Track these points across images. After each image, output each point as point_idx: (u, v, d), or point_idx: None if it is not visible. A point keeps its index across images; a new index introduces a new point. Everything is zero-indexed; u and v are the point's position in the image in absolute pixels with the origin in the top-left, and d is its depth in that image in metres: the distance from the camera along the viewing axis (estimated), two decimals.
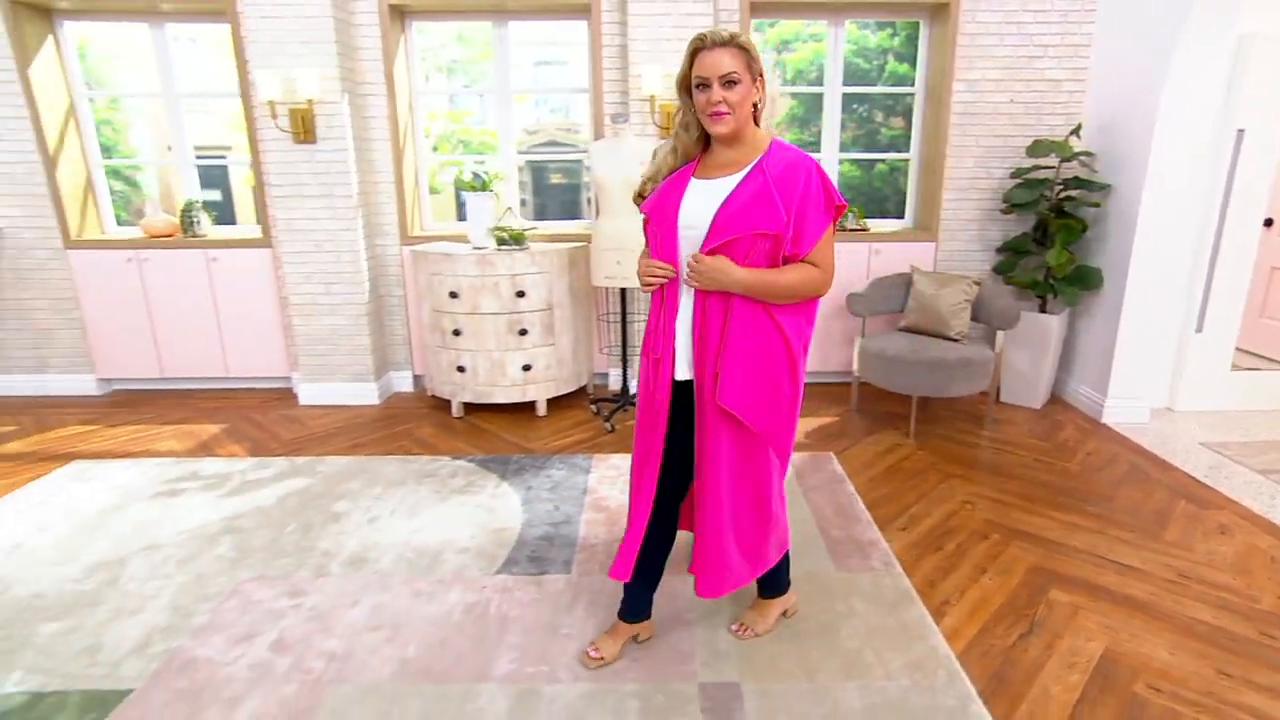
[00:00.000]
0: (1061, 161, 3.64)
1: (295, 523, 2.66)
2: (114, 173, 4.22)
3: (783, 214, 1.54)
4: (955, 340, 3.51)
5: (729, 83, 1.53)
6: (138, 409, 3.95)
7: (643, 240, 1.82)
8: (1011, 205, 3.81)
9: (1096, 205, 3.58)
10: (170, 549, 2.49)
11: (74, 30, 3.91)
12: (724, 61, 1.52)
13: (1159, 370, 3.72)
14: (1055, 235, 3.62)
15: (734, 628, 2.00)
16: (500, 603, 2.17)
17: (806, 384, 4.27)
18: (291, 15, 3.46)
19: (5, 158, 3.80)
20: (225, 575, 2.33)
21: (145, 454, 3.32)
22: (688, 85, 1.60)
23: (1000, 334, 3.51)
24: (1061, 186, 3.69)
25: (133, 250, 3.95)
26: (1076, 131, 3.70)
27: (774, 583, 2.01)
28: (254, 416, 3.82)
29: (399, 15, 3.82)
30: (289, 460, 3.21)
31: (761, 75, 1.58)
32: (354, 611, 2.14)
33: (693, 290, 1.65)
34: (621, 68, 3.75)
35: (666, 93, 3.60)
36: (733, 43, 1.53)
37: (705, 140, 1.67)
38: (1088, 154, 3.66)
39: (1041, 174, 3.78)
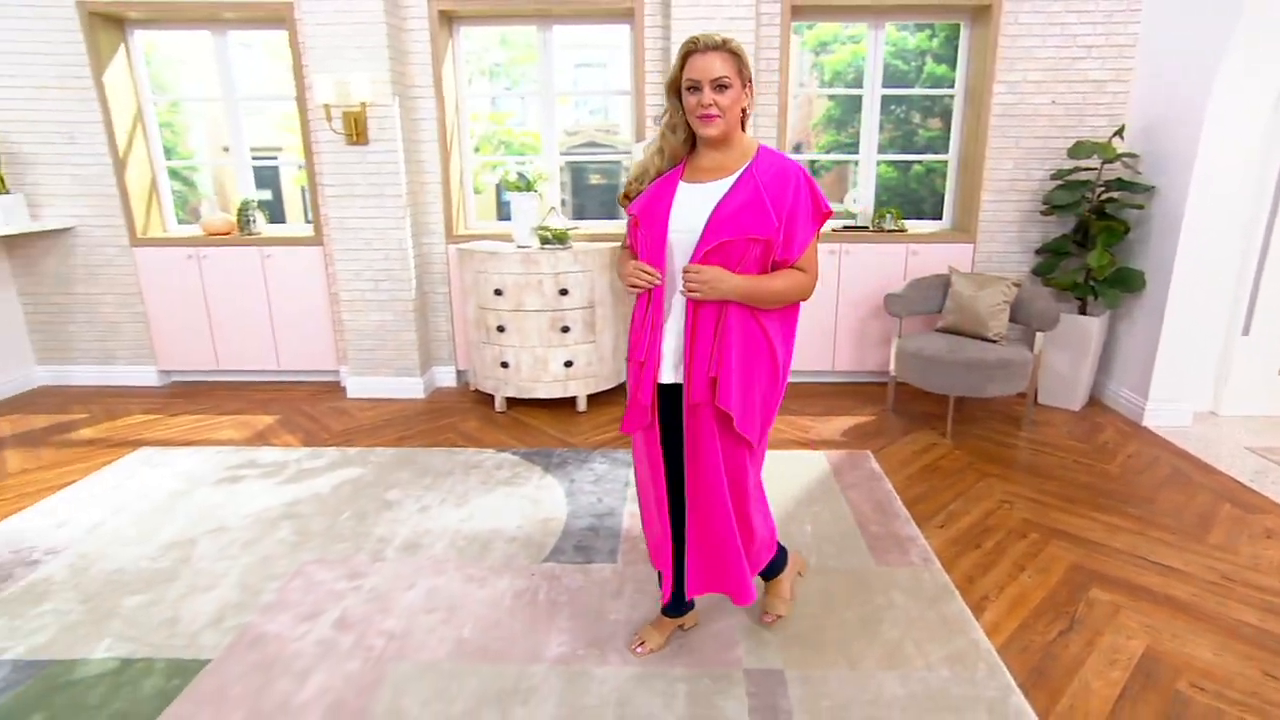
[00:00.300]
0: (1104, 163, 3.62)
1: (350, 509, 2.78)
2: (173, 173, 4.40)
3: (774, 219, 1.56)
4: (993, 341, 3.52)
5: (720, 86, 1.54)
6: (196, 399, 4.13)
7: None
8: (1052, 207, 3.80)
9: (1140, 207, 3.57)
10: (235, 531, 2.62)
11: (143, 38, 4.10)
12: (716, 65, 1.53)
13: (1203, 373, 3.69)
14: (1096, 237, 3.61)
15: (764, 618, 2.06)
16: (549, 589, 2.26)
17: (842, 384, 4.32)
18: (347, 22, 3.59)
19: (80, 160, 4.01)
20: (288, 557, 2.45)
21: (205, 442, 3.47)
22: (677, 87, 1.61)
23: (1039, 335, 3.52)
24: (1103, 188, 3.67)
25: (192, 247, 4.14)
26: (1120, 133, 3.68)
27: (772, 566, 2.04)
28: (305, 408, 3.97)
29: (448, 20, 3.94)
30: (340, 450, 3.34)
31: (750, 81, 1.60)
32: (410, 594, 2.24)
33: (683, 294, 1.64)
34: (663, 70, 3.82)
35: None
36: (725, 47, 1.54)
37: (691, 142, 1.68)
38: (1131, 155, 3.64)
39: (1083, 175, 3.76)
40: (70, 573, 2.35)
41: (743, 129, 1.65)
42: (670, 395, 1.72)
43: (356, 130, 3.72)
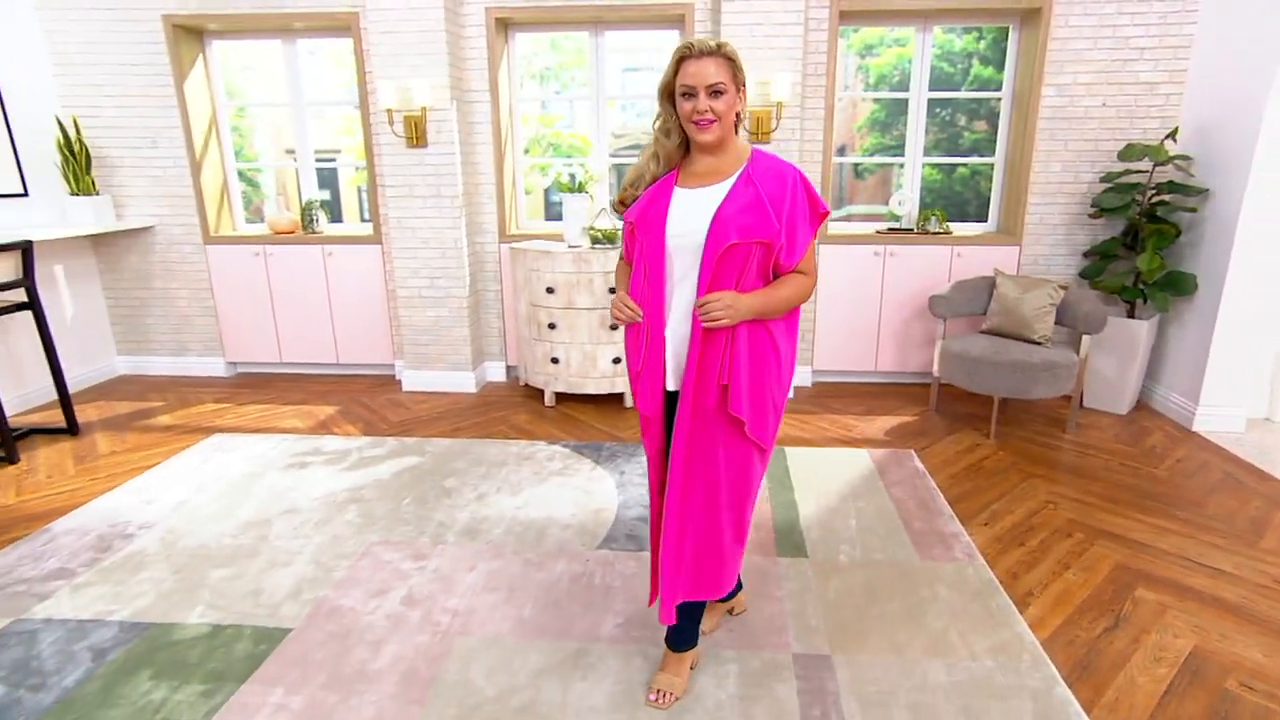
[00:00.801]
0: (1155, 166, 3.60)
1: (411, 495, 2.93)
2: (240, 174, 4.63)
3: (775, 222, 1.53)
4: (1038, 344, 3.53)
5: (715, 92, 1.52)
6: (261, 390, 4.35)
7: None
8: (1101, 210, 3.79)
9: (1193, 210, 3.54)
10: (306, 513, 2.79)
11: (219, 48, 4.34)
12: (710, 71, 1.51)
13: (1257, 379, 3.64)
14: (1146, 240, 3.59)
15: (651, 697, 1.82)
16: (603, 574, 2.37)
17: (885, 384, 4.36)
18: (409, 30, 3.76)
19: (161, 163, 4.27)
20: (356, 538, 2.61)
21: (272, 430, 3.67)
22: (671, 92, 1.59)
23: (1085, 338, 3.52)
24: (1154, 191, 3.65)
25: (260, 245, 4.36)
26: (1173, 135, 3.65)
27: (686, 637, 1.86)
28: (363, 400, 4.15)
29: (504, 27, 4.09)
30: (399, 440, 3.50)
31: (744, 86, 1.58)
32: (472, 575, 2.37)
33: (689, 303, 1.60)
34: None
35: (758, 99, 3.74)
36: (720, 52, 1.53)
37: (685, 147, 1.66)
38: (1184, 158, 3.61)
39: (1133, 178, 3.74)
40: (161, 546, 2.54)
41: (736, 133, 1.64)
42: (669, 402, 1.69)
43: (416, 133, 3.89)
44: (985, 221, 4.35)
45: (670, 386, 1.67)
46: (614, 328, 3.75)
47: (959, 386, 3.60)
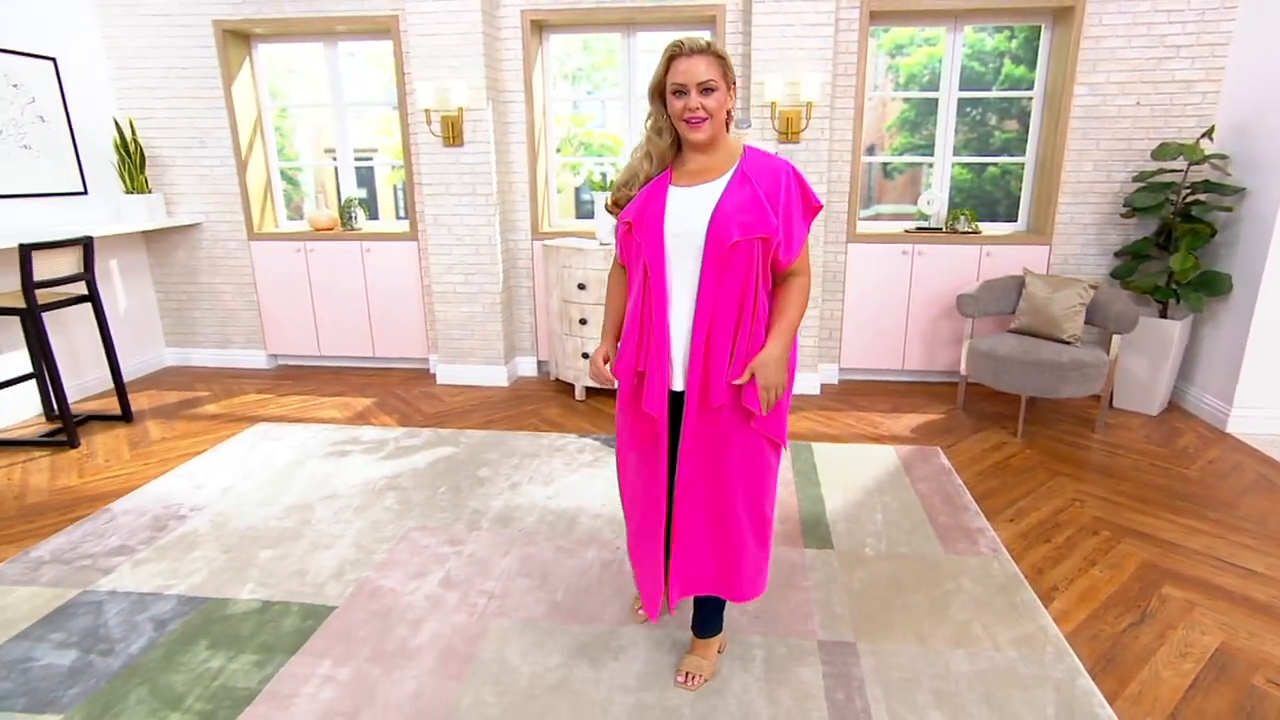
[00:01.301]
0: (1190, 165, 3.57)
1: (446, 484, 3.03)
2: (281, 173, 4.79)
3: (773, 218, 1.54)
4: (1068, 343, 3.53)
5: (706, 90, 1.53)
6: (301, 382, 4.50)
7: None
8: (1133, 209, 3.77)
9: (1228, 209, 3.51)
10: (346, 499, 2.90)
11: (264, 51, 4.50)
12: (701, 69, 1.52)
13: None
14: (1180, 240, 3.56)
15: (681, 679, 1.87)
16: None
17: (911, 383, 4.38)
18: (447, 32, 3.87)
19: (209, 162, 4.44)
20: (394, 523, 2.71)
21: (312, 420, 3.80)
22: (662, 91, 1.59)
23: (1116, 338, 3.50)
24: (1189, 190, 3.62)
25: (301, 241, 4.51)
26: (1209, 134, 3.62)
27: (713, 624, 1.92)
28: (398, 392, 4.28)
29: (538, 29, 4.18)
30: (434, 431, 3.61)
31: (734, 84, 1.59)
32: (506, 560, 2.45)
33: (691, 302, 1.60)
34: (744, 75, 3.96)
35: (787, 99, 3.78)
36: (710, 50, 1.54)
37: (677, 145, 1.66)
38: (1220, 156, 3.58)
39: (1167, 177, 3.72)
40: (212, 527, 2.67)
41: (727, 130, 1.64)
42: (676, 400, 1.68)
43: (453, 133, 4.00)
44: (1015, 221, 4.34)
45: (675, 386, 1.66)
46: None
47: (986, 385, 3.61)
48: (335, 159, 4.70)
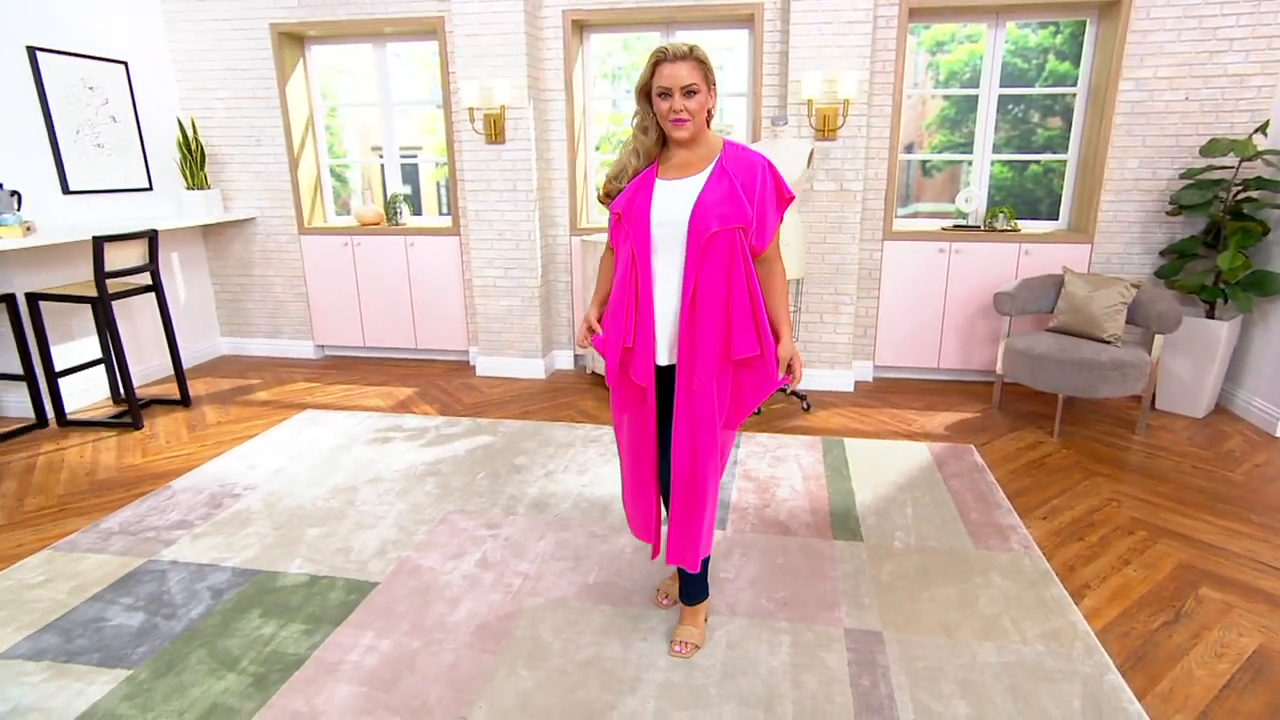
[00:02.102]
0: (1241, 161, 3.48)
1: (484, 471, 3.13)
2: (330, 169, 4.97)
3: (749, 209, 1.68)
4: (1108, 342, 3.47)
5: (689, 92, 1.65)
6: (346, 371, 4.67)
7: (787, 234, 1.94)
8: (1180, 207, 3.68)
9: None
10: (389, 483, 3.02)
11: (317, 52, 4.68)
12: (684, 73, 1.63)
13: None
14: (1230, 238, 3.48)
15: (677, 649, 1.97)
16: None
17: (946, 381, 4.35)
18: (491, 32, 3.98)
19: (264, 160, 4.65)
20: (434, 506, 2.81)
21: (357, 408, 3.95)
22: (648, 92, 1.71)
23: (1158, 338, 3.43)
24: (1240, 188, 3.53)
25: (348, 236, 4.67)
26: (1263, 129, 3.52)
27: (698, 588, 2.03)
28: (439, 383, 4.41)
29: (579, 28, 4.26)
30: (473, 420, 3.72)
31: (714, 85, 1.70)
32: (541, 543, 2.54)
33: (677, 284, 1.74)
34: (780, 73, 3.99)
35: (824, 97, 3.80)
36: (692, 56, 1.65)
37: (663, 141, 1.79)
38: (1274, 152, 3.48)
39: (1216, 174, 3.63)
40: (263, 505, 2.81)
41: (708, 127, 1.77)
42: (664, 374, 1.82)
43: (495, 130, 4.11)
44: (1057, 220, 4.28)
45: (662, 361, 1.80)
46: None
47: (1023, 385, 3.58)
48: (382, 156, 4.86)
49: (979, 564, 2.38)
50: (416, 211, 5.09)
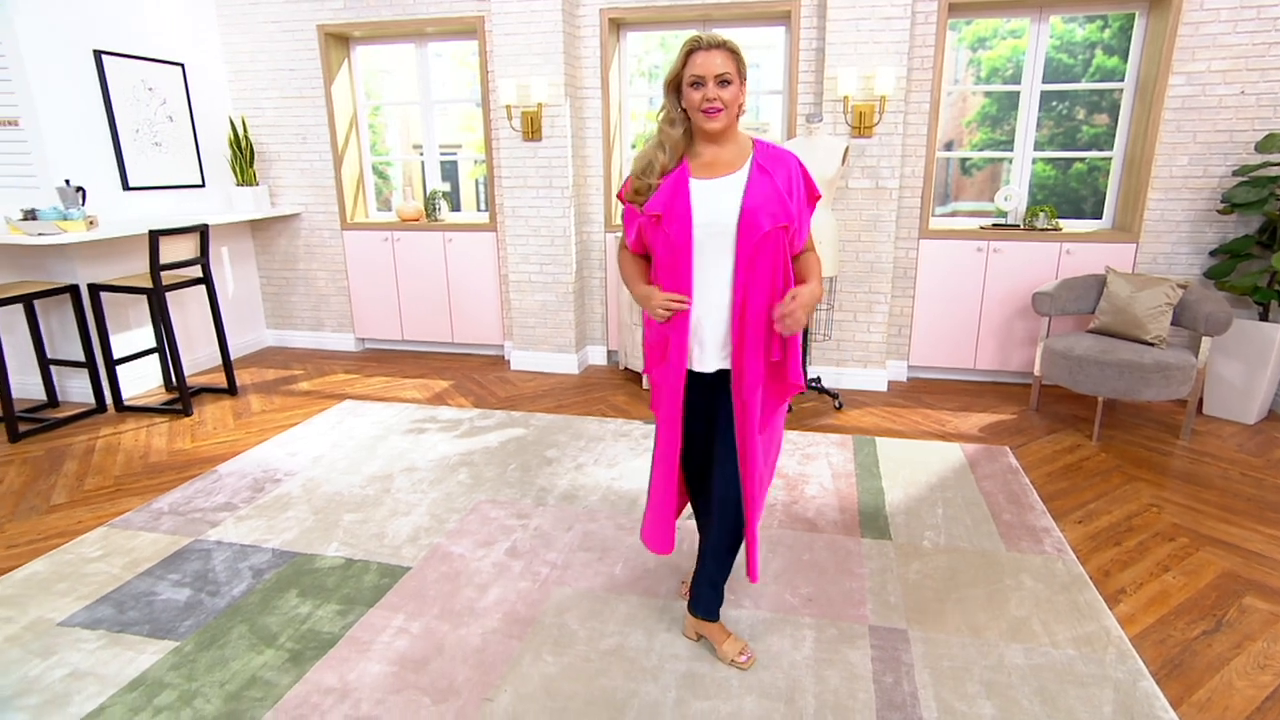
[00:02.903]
0: None
1: (516, 462, 3.19)
2: (373, 167, 5.10)
3: (791, 206, 1.66)
4: (1151, 344, 3.37)
5: (723, 82, 1.62)
6: (385, 364, 4.79)
7: (834, 229, 1.92)
8: (1232, 205, 3.56)
9: None
10: (423, 472, 3.10)
11: (362, 52, 4.81)
12: (718, 62, 1.61)
13: None
14: None
15: (742, 659, 1.92)
16: (691, 542, 2.49)
17: (983, 382, 4.28)
18: (529, 31, 4.04)
19: (309, 157, 4.79)
20: (466, 495, 2.88)
21: (395, 399, 4.05)
22: (677, 84, 1.67)
23: (1206, 341, 3.33)
24: None
25: (389, 231, 4.79)
26: None
27: (715, 603, 1.98)
28: (474, 376, 4.49)
29: (616, 27, 4.30)
30: (506, 413, 3.79)
31: (746, 79, 1.67)
32: (569, 534, 2.58)
33: (726, 288, 1.70)
34: (816, 70, 3.96)
35: (860, 93, 3.77)
36: (725, 46, 1.63)
37: (688, 135, 1.73)
38: None
39: (1272, 171, 3.49)
40: (303, 491, 2.91)
41: (737, 123, 1.73)
42: (711, 381, 1.79)
43: (532, 128, 4.17)
44: (1101, 219, 4.17)
45: (695, 367, 1.78)
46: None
47: (1062, 387, 3.50)
48: (422, 154, 4.96)
49: (1010, 566, 2.34)
50: (455, 208, 5.20)
